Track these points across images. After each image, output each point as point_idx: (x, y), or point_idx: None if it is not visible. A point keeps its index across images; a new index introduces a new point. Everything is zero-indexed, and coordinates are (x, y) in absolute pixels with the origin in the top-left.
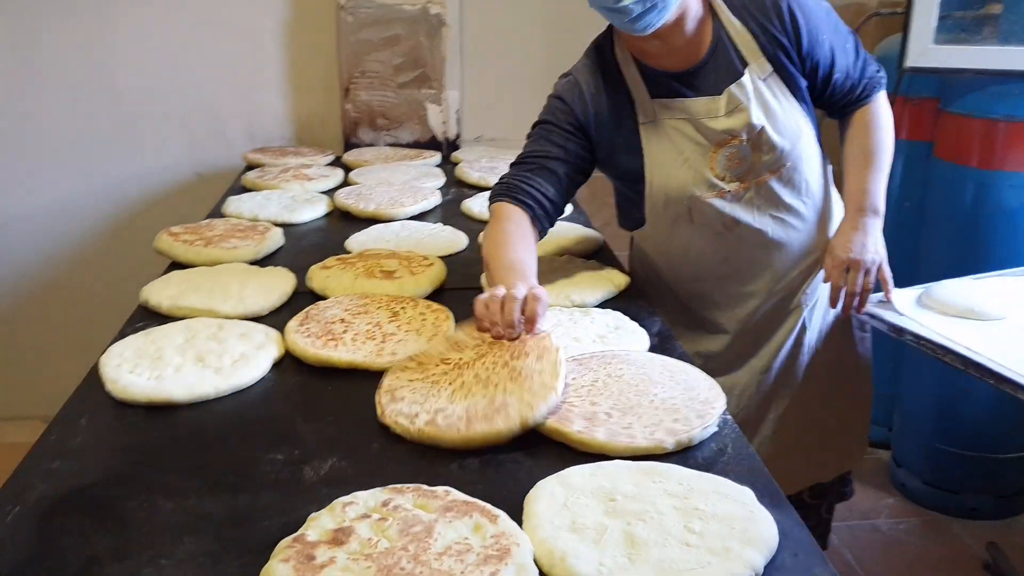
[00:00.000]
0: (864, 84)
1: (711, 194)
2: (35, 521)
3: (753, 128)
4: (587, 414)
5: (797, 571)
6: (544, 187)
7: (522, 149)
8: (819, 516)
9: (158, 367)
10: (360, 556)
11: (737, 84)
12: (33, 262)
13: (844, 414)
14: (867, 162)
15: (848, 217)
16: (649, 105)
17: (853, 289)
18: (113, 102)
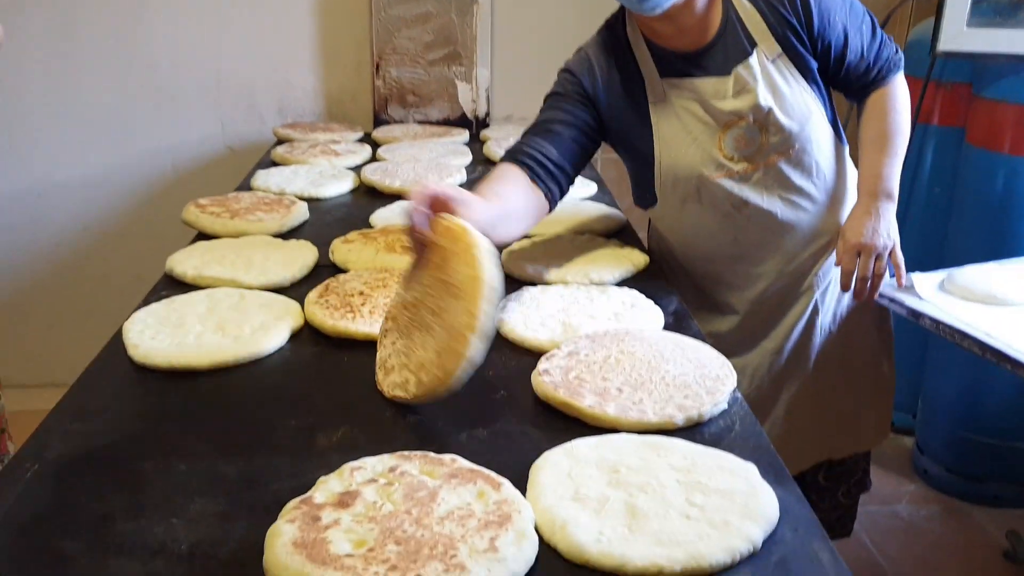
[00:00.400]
0: (880, 66)
1: (719, 174)
2: (53, 479)
3: (760, 109)
4: (598, 389)
5: (796, 545)
6: (544, 147)
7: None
8: (835, 499)
9: (179, 334)
10: (364, 518)
11: (744, 65)
12: (70, 230)
13: (862, 397)
14: (882, 146)
15: (861, 201)
16: (659, 84)
17: (864, 274)
18: (149, 77)
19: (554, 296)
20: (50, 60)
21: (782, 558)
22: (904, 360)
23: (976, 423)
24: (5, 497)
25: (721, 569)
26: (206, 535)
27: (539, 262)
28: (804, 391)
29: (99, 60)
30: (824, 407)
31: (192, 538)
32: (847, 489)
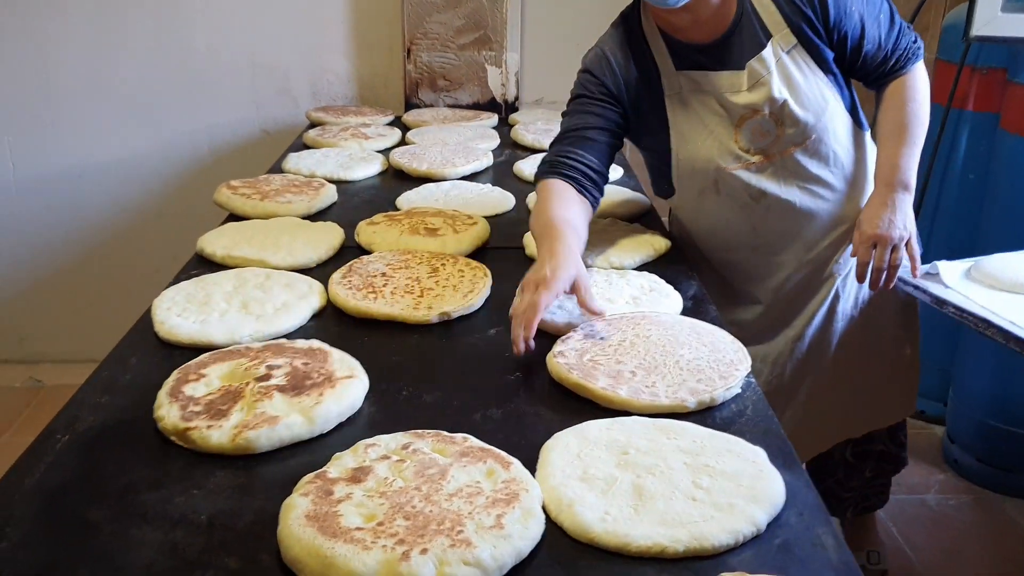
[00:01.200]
0: (899, 55)
1: (736, 166)
2: (81, 449)
3: (775, 102)
4: (612, 372)
5: (800, 529)
6: (586, 157)
7: (560, 127)
8: (862, 477)
9: (204, 312)
10: (375, 493)
11: (758, 58)
12: (108, 211)
13: (883, 379)
14: (899, 136)
15: (877, 192)
16: (675, 77)
17: (880, 265)
18: (186, 61)
19: None
20: (89, 45)
21: (785, 542)
22: (935, 349)
23: (1007, 413)
24: (36, 466)
25: (724, 550)
26: (225, 507)
27: None
28: (826, 376)
29: (137, 44)
30: (845, 390)
31: (211, 509)
32: (873, 465)
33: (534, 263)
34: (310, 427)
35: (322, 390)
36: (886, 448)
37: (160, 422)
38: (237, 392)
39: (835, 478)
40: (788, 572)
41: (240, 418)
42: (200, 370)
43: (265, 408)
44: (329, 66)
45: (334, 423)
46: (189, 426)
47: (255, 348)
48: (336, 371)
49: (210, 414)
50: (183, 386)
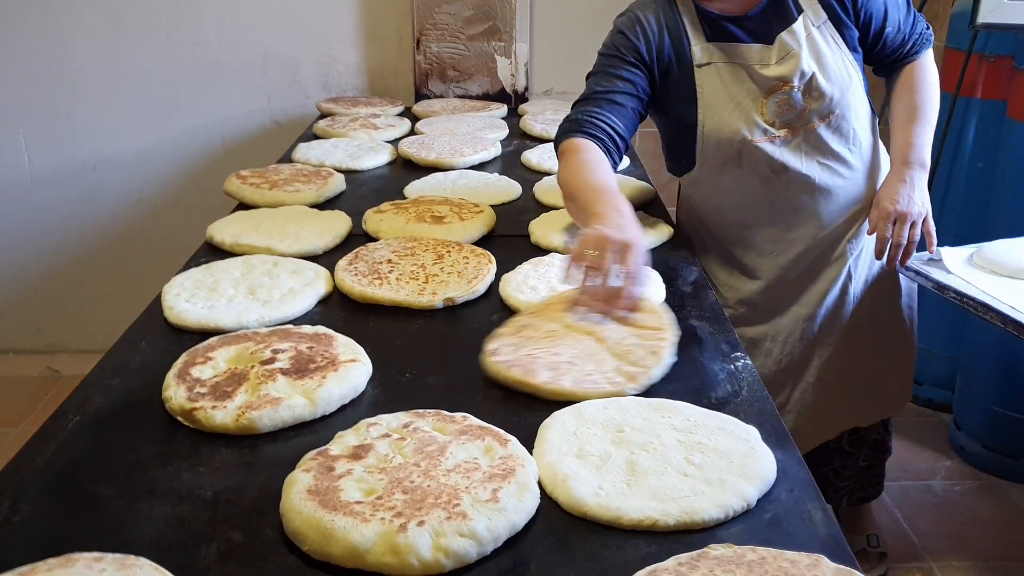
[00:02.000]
0: (914, 40)
1: (762, 138)
2: (92, 429)
3: (804, 75)
4: (551, 364)
5: (790, 504)
6: (613, 120)
7: (585, 87)
8: (857, 466)
9: (212, 297)
10: (375, 469)
11: (789, 31)
12: (123, 203)
13: (888, 364)
14: (913, 117)
15: (894, 170)
16: (705, 47)
17: (899, 240)
18: (198, 53)
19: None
20: (103, 39)
21: (775, 516)
22: (941, 337)
23: (1014, 400)
24: (48, 446)
25: (714, 524)
26: (230, 483)
27: (566, 232)
28: (835, 358)
29: (151, 38)
30: (853, 372)
31: (217, 485)
32: (868, 453)
33: (596, 221)
34: (312, 409)
35: (325, 373)
36: (880, 437)
37: (167, 403)
38: (242, 375)
39: (831, 466)
40: (776, 545)
41: (244, 399)
42: (208, 353)
43: (269, 390)
44: (339, 57)
45: (336, 405)
46: (195, 406)
47: (262, 333)
48: (340, 355)
49: (215, 395)
50: (191, 368)
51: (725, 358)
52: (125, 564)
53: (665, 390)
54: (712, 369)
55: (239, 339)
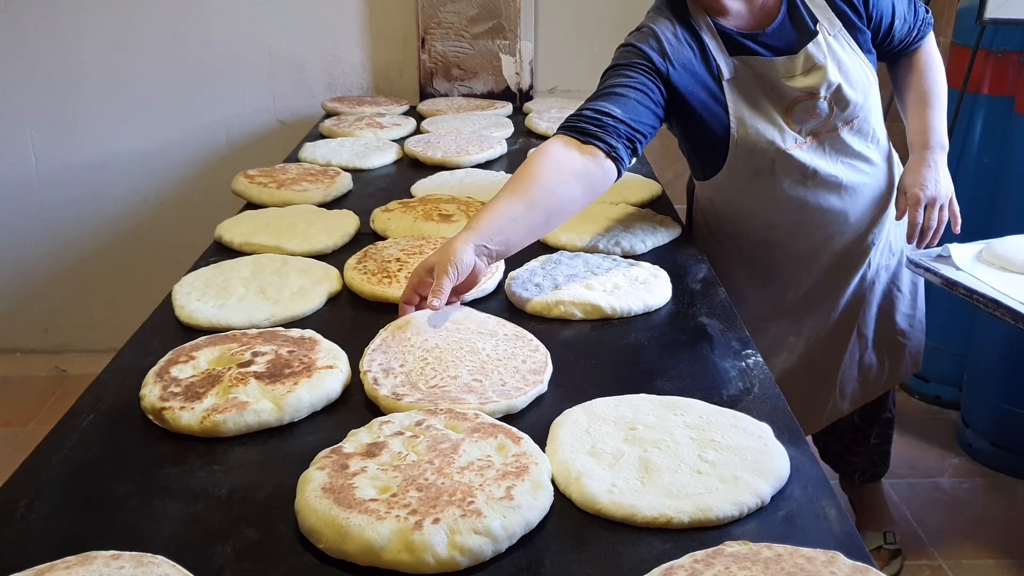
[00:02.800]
0: (918, 27)
1: (793, 146)
2: (106, 428)
3: (830, 85)
4: (465, 387)
5: (804, 501)
6: (600, 106)
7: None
8: (868, 443)
9: (222, 296)
10: (389, 467)
11: (814, 43)
12: (129, 202)
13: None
14: (926, 101)
15: (916, 155)
16: (729, 61)
17: (930, 224)
18: (204, 53)
19: (577, 263)
20: (109, 39)
21: (789, 513)
22: (950, 334)
23: (1022, 397)
24: (63, 444)
25: (728, 522)
26: (244, 481)
27: (573, 230)
28: (855, 344)
29: (157, 38)
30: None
31: (231, 483)
32: (878, 431)
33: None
34: (279, 415)
35: (298, 379)
36: (890, 415)
37: (142, 400)
38: (217, 376)
39: (843, 442)
40: (791, 542)
41: (213, 402)
42: (192, 352)
43: (238, 393)
44: (344, 57)
45: (306, 412)
46: (164, 406)
47: (250, 334)
48: (318, 361)
49: (187, 396)
50: (172, 367)
51: (736, 356)
52: (143, 562)
53: (677, 388)
54: (723, 367)
55: (225, 339)
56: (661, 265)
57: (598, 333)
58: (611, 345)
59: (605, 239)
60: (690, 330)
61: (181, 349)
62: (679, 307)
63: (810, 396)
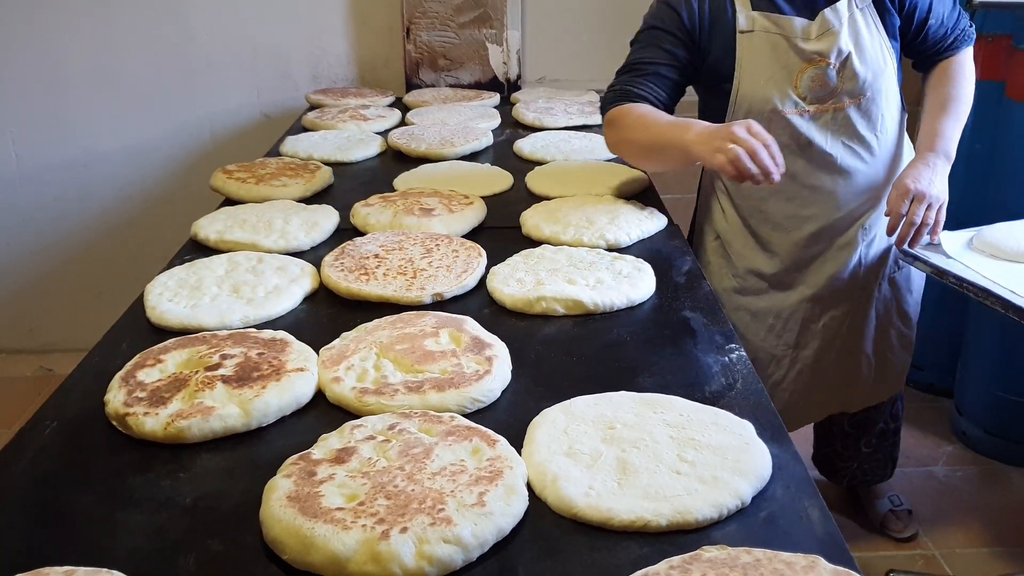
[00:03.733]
0: (955, 36)
1: (792, 111)
2: (70, 435)
3: (840, 52)
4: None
5: (786, 502)
6: (657, 92)
7: (629, 56)
8: (859, 451)
9: (195, 296)
10: (358, 474)
11: (832, 8)
12: (114, 199)
13: (885, 353)
14: (945, 108)
15: (919, 156)
16: (750, 15)
17: (913, 219)
18: (187, 47)
19: (560, 257)
20: (91, 34)
21: (771, 515)
22: (943, 322)
23: (1015, 384)
24: (24, 453)
25: (708, 524)
26: (210, 489)
27: (557, 223)
28: (835, 341)
29: (138, 33)
30: (849, 360)
31: (197, 492)
32: (874, 441)
33: (696, 129)
34: (245, 420)
35: (266, 383)
36: (885, 427)
37: (106, 406)
38: (184, 380)
39: (833, 448)
40: (772, 545)
41: (178, 407)
42: (160, 355)
43: (204, 398)
44: (329, 48)
45: (274, 417)
46: (128, 412)
47: (220, 335)
48: (288, 363)
49: (151, 401)
50: (138, 371)
51: (719, 350)
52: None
53: (658, 384)
54: (706, 362)
55: (195, 342)
56: (646, 257)
57: (580, 329)
58: (593, 341)
59: (590, 232)
60: (673, 324)
61: (149, 352)
62: (663, 301)
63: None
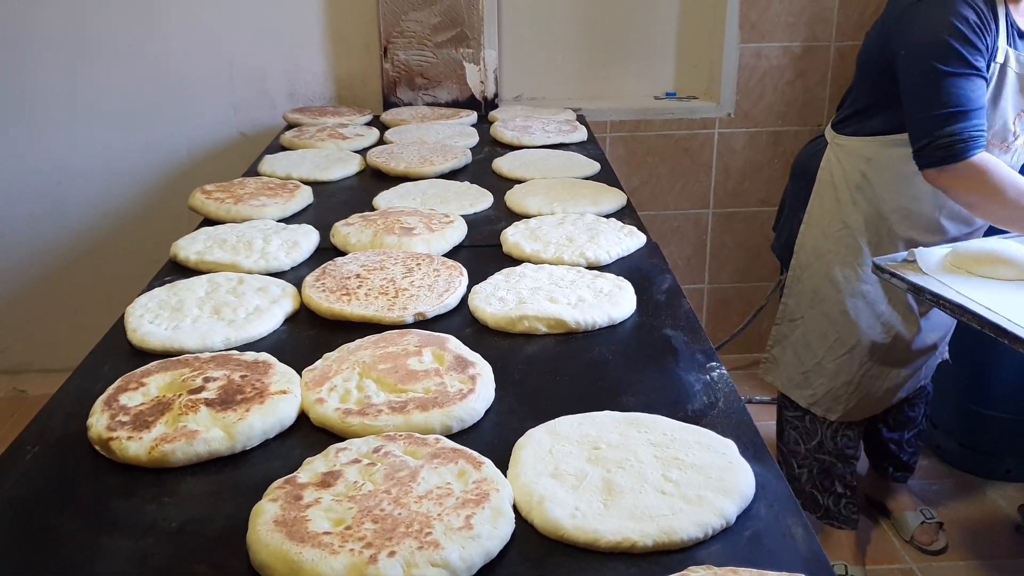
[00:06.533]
0: None
1: (998, 145)
2: (52, 460)
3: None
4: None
5: (770, 521)
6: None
7: (954, 87)
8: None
9: (176, 318)
10: (344, 498)
11: None
12: (89, 218)
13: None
14: None
15: None
16: (1005, 48)
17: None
18: (163, 65)
19: (541, 275)
20: (65, 51)
21: (755, 533)
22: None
23: (989, 398)
24: (6, 479)
25: (693, 544)
26: (196, 513)
27: (538, 241)
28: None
29: (113, 49)
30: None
31: (182, 516)
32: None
33: None
34: (230, 443)
35: (249, 406)
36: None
37: (89, 431)
38: (167, 404)
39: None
40: (757, 564)
41: (162, 431)
42: (143, 379)
43: (188, 422)
44: (306, 67)
45: (258, 440)
46: (111, 436)
47: (203, 358)
48: (271, 386)
49: (135, 425)
50: (121, 395)
51: (701, 369)
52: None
53: (642, 403)
54: (688, 380)
55: (178, 364)
56: (626, 275)
57: (563, 347)
58: (576, 360)
59: (570, 250)
60: (655, 343)
61: (131, 375)
62: (644, 319)
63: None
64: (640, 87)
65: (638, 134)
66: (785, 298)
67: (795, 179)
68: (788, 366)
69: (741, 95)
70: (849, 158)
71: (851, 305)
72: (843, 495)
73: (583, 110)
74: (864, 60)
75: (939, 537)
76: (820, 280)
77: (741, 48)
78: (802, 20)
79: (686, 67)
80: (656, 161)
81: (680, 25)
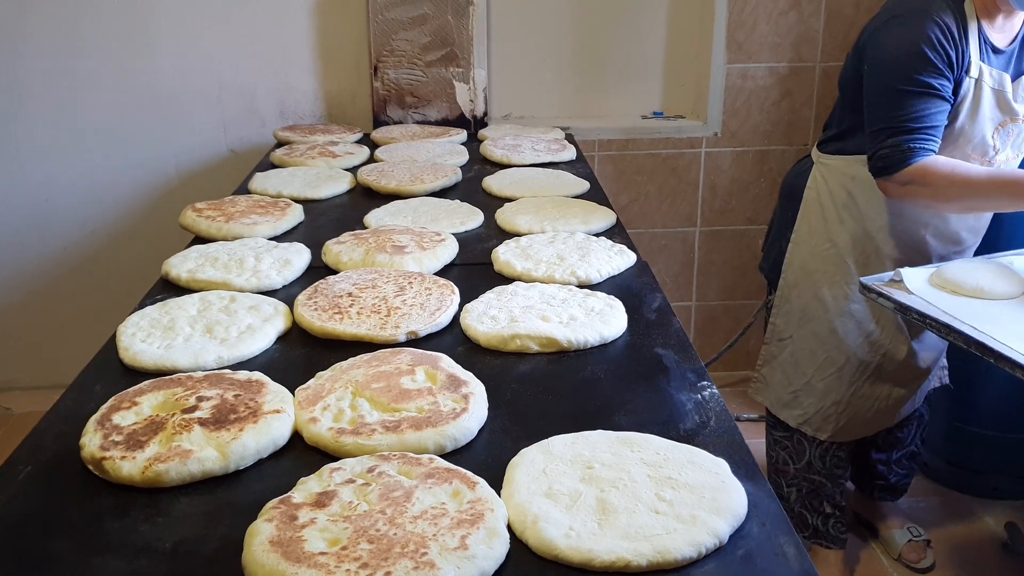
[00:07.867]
0: None
1: (981, 160)
2: (45, 479)
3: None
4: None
5: (762, 540)
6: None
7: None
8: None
9: (168, 337)
10: (339, 518)
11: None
12: (77, 235)
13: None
14: None
15: None
16: (978, 63)
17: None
18: (152, 82)
19: (533, 294)
20: (55, 68)
21: (748, 552)
22: None
23: (976, 416)
24: None
25: (687, 563)
26: (190, 533)
27: (529, 260)
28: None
29: (103, 66)
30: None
31: (176, 536)
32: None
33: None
34: (223, 463)
35: (243, 425)
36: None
37: (81, 450)
38: (161, 423)
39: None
40: None
41: (155, 451)
42: (136, 398)
43: (182, 441)
44: (296, 85)
45: (251, 460)
46: (105, 456)
47: (196, 377)
48: (264, 405)
49: (128, 444)
50: (113, 414)
51: (692, 388)
52: None
53: (634, 423)
54: (679, 399)
55: (170, 383)
56: (617, 294)
57: (555, 366)
58: (568, 379)
59: (561, 268)
60: (646, 362)
61: (124, 395)
62: (635, 338)
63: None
64: (628, 106)
65: (626, 153)
66: (773, 318)
67: (783, 199)
68: (777, 386)
69: (728, 115)
70: (835, 177)
71: (840, 324)
72: (831, 515)
73: (572, 129)
74: (844, 81)
75: (927, 555)
76: (808, 299)
77: (728, 68)
78: (788, 41)
79: (673, 87)
80: (644, 180)
81: (667, 45)
